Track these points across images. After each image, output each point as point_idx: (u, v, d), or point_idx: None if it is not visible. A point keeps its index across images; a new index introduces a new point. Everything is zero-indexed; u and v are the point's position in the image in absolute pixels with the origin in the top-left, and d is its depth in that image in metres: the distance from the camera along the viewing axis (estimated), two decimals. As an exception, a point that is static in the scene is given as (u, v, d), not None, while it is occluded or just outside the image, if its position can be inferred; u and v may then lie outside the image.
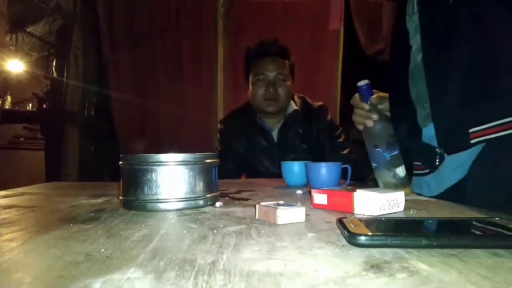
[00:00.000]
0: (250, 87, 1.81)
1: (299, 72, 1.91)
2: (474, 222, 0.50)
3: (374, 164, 1.04)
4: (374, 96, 1.02)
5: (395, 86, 1.03)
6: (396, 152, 1.00)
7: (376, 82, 1.04)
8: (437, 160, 0.97)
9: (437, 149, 0.96)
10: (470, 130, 0.83)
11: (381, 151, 1.00)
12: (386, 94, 1.05)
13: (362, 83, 1.01)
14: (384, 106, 1.03)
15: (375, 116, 0.99)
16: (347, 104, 1.19)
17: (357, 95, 1.04)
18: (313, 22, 3.16)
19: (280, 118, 1.81)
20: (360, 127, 1.04)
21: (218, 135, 1.94)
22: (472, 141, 0.84)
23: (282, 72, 1.75)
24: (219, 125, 1.97)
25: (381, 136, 0.99)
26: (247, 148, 1.80)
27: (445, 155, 0.93)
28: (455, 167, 0.89)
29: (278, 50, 1.78)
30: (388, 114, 1.03)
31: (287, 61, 1.79)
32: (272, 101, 1.74)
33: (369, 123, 1.01)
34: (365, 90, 1.01)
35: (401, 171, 1.00)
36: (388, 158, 0.99)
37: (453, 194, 0.85)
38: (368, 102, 1.01)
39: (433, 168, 0.96)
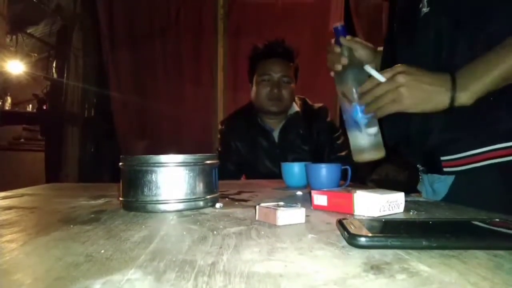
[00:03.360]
0: (254, 86, 1.81)
1: (300, 72, 1.91)
2: (474, 223, 0.50)
3: (344, 118, 0.96)
4: (347, 37, 0.96)
5: None
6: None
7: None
8: (420, 176, 0.97)
9: (418, 166, 0.96)
10: (442, 158, 0.83)
11: (352, 102, 0.91)
12: (362, 40, 1.01)
13: (337, 24, 0.96)
14: (358, 53, 0.98)
15: (344, 60, 0.93)
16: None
17: (333, 40, 0.99)
18: (313, 22, 3.16)
19: (281, 119, 1.81)
20: (331, 73, 0.98)
21: (219, 136, 1.94)
22: (445, 170, 0.84)
23: (287, 74, 1.76)
24: (220, 126, 1.97)
25: (351, 85, 0.91)
26: (248, 148, 1.81)
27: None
28: (438, 184, 0.90)
29: (284, 52, 1.78)
30: (362, 60, 0.97)
31: (292, 64, 1.80)
32: (276, 101, 1.74)
33: (337, 67, 0.94)
34: (338, 31, 0.96)
35: (373, 130, 0.91)
36: (357, 113, 0.91)
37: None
38: (340, 45, 0.95)
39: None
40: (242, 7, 3.22)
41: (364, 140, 0.90)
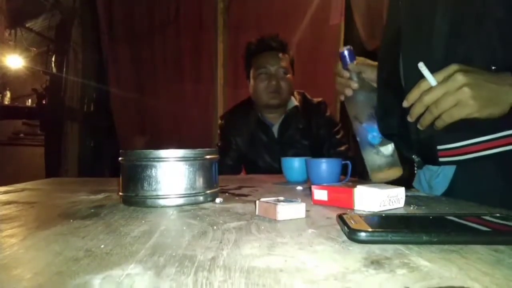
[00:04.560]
0: (252, 81, 1.82)
1: (299, 68, 1.91)
2: (473, 218, 0.49)
3: (358, 139, 0.96)
4: (354, 62, 0.95)
5: (386, 74, 0.97)
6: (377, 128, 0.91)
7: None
8: (415, 168, 0.96)
9: (414, 157, 0.94)
10: (438, 147, 0.81)
11: (363, 124, 0.91)
12: (370, 62, 0.99)
13: (343, 48, 0.95)
14: (367, 75, 0.96)
15: (354, 85, 0.92)
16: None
17: (340, 62, 0.98)
18: (313, 17, 3.15)
19: (280, 113, 1.81)
20: (342, 97, 0.97)
21: (219, 131, 1.94)
22: (441, 159, 0.81)
23: (283, 66, 1.77)
24: (219, 121, 1.98)
25: (362, 107, 0.91)
26: (248, 143, 1.81)
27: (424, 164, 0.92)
28: (437, 179, 0.88)
29: (278, 45, 1.80)
30: (372, 84, 0.96)
31: (287, 55, 1.81)
32: (275, 93, 1.75)
33: (348, 92, 0.93)
34: (345, 57, 0.94)
35: (387, 149, 0.90)
36: (369, 134, 0.91)
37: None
38: (348, 69, 0.94)
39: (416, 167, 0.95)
40: (242, 1, 3.21)
41: (381, 160, 0.90)
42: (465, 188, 0.82)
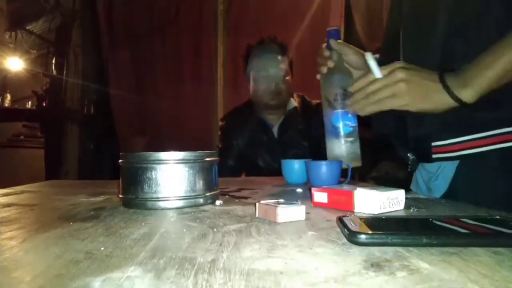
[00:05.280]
0: (251, 83, 1.84)
1: (299, 69, 1.92)
2: (474, 221, 0.49)
3: (325, 122, 0.95)
4: (338, 41, 0.95)
5: None
6: (348, 115, 0.89)
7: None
8: (409, 166, 0.95)
9: (409, 155, 0.94)
10: (433, 144, 0.82)
11: (336, 109, 0.89)
12: (353, 47, 0.99)
13: (330, 27, 0.95)
14: (349, 58, 0.97)
15: (330, 62, 0.91)
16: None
17: (325, 44, 0.98)
18: (313, 19, 3.15)
19: (280, 114, 1.83)
20: (318, 76, 0.97)
21: (219, 132, 1.96)
22: (434, 156, 0.82)
23: (282, 68, 1.79)
24: (220, 122, 1.99)
25: (334, 88, 0.90)
26: (248, 143, 1.83)
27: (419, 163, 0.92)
28: (437, 181, 0.88)
29: (277, 47, 1.81)
30: (351, 66, 0.96)
31: (286, 57, 1.82)
32: (274, 95, 1.77)
33: (323, 70, 0.93)
34: (331, 35, 0.94)
35: (351, 139, 0.89)
36: (338, 119, 0.89)
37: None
38: (331, 49, 0.94)
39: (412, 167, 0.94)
40: (242, 3, 3.21)
41: (341, 148, 0.88)
42: (465, 189, 0.81)
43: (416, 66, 0.75)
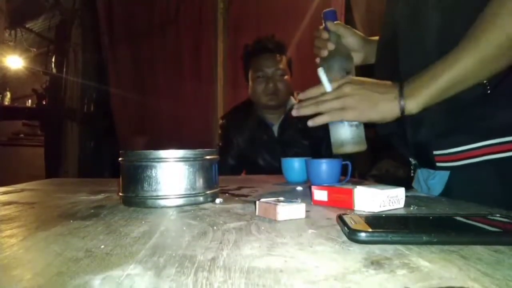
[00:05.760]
0: (250, 83, 1.84)
1: (299, 68, 1.92)
2: (474, 219, 0.49)
3: None
4: (334, 22, 0.93)
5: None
6: None
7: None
8: (412, 170, 0.96)
9: (411, 159, 0.95)
10: (435, 153, 0.82)
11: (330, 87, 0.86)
12: (350, 27, 0.98)
13: (327, 9, 0.93)
14: (348, 40, 0.96)
15: (330, 45, 0.90)
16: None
17: (322, 26, 0.96)
18: (313, 17, 3.15)
19: (280, 113, 1.83)
20: (317, 60, 0.95)
21: (219, 130, 1.96)
22: (438, 164, 0.82)
23: (280, 67, 1.79)
24: (220, 120, 1.99)
25: (335, 72, 0.88)
26: (248, 142, 1.83)
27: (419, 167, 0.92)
28: (433, 180, 0.89)
29: (275, 46, 1.81)
30: (350, 48, 0.96)
31: (284, 56, 1.82)
32: (273, 95, 1.77)
33: (323, 53, 0.91)
34: (327, 17, 0.93)
35: (355, 122, 0.86)
36: None
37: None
38: (328, 31, 0.92)
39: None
40: (242, 1, 3.21)
41: (346, 132, 0.86)
42: (460, 191, 0.82)
43: (369, 79, 0.81)
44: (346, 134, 0.87)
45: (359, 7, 3.12)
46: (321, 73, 0.84)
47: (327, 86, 0.83)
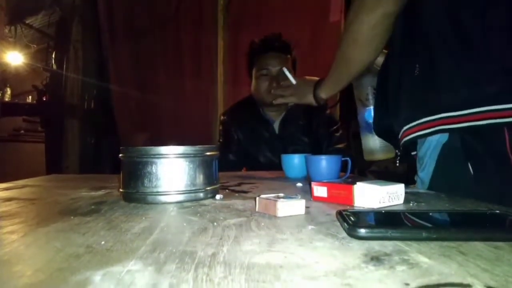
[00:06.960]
0: (253, 81, 1.83)
1: (299, 65, 1.91)
2: (474, 215, 0.50)
3: (359, 120, 1.05)
4: None
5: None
6: None
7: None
8: (398, 159, 0.99)
9: (396, 151, 0.98)
10: (404, 128, 0.87)
11: (365, 107, 0.99)
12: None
13: None
14: (377, 59, 1.02)
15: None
16: (347, 97, 1.19)
17: None
18: (313, 14, 3.14)
19: (281, 110, 1.83)
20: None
21: (220, 126, 1.96)
22: (406, 139, 0.87)
23: (284, 67, 1.77)
24: (221, 117, 1.99)
25: (365, 89, 0.98)
26: (249, 138, 1.83)
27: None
28: (422, 174, 0.90)
29: (281, 46, 1.80)
30: (378, 65, 1.02)
31: (289, 56, 1.81)
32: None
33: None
34: None
35: None
36: (370, 115, 0.97)
37: None
38: None
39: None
40: (242, -1, 3.20)
41: (375, 141, 0.96)
42: (440, 180, 0.84)
43: (308, 78, 1.28)
44: (375, 143, 0.97)
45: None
46: (286, 71, 1.34)
47: (292, 80, 1.29)
